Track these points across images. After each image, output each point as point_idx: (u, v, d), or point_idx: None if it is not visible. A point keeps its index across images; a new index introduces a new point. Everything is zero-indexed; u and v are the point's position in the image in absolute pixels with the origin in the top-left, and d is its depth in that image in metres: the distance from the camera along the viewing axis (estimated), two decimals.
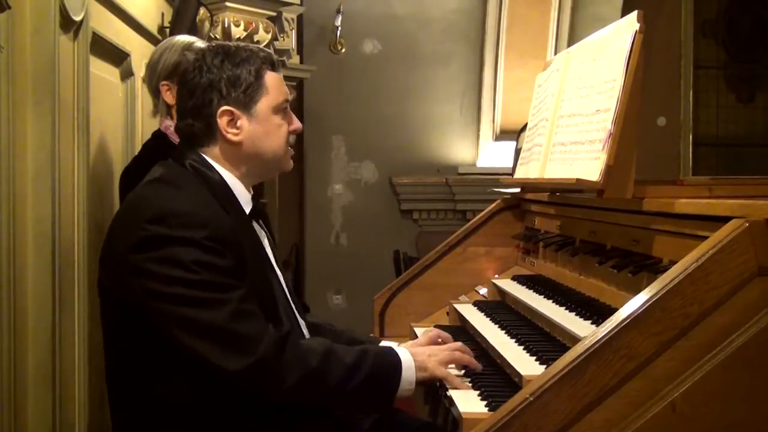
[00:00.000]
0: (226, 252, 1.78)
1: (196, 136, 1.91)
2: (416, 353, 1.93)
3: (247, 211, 1.95)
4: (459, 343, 2.06)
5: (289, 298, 2.06)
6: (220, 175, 1.91)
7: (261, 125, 1.91)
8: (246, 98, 1.89)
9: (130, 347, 1.83)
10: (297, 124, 2.00)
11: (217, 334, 1.73)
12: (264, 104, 1.91)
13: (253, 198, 2.01)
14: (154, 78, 2.69)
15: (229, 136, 1.89)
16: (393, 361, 1.89)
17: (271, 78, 1.93)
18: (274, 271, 2.03)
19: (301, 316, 2.10)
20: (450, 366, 1.98)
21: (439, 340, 2.13)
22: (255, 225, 2.01)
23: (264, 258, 1.99)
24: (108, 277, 1.87)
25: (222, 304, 1.74)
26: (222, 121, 1.88)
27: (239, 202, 1.93)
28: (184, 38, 2.76)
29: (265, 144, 1.93)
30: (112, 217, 2.65)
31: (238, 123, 1.89)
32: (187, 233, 1.74)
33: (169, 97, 2.64)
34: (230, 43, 1.97)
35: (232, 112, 1.88)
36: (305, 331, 2.07)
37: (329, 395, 1.82)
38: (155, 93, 2.72)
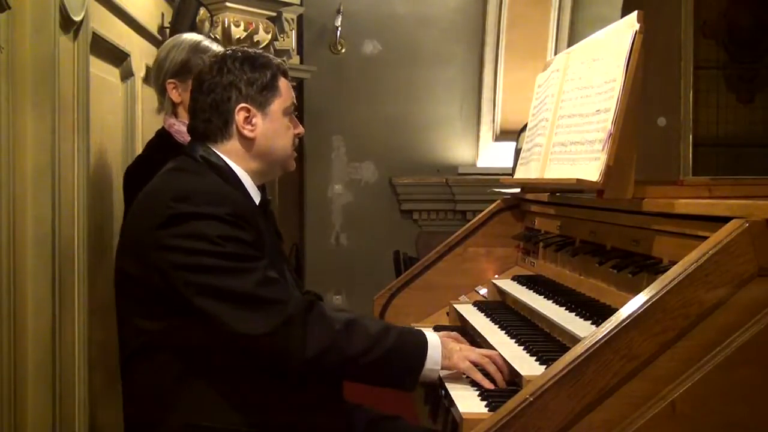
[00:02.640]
0: (248, 227, 1.88)
1: (211, 132, 2.03)
2: (446, 341, 1.97)
3: (257, 202, 2.06)
4: (496, 353, 2.01)
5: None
6: (230, 167, 2.02)
7: (273, 125, 2.04)
8: (262, 98, 2.02)
9: (150, 329, 1.90)
10: (301, 128, 2.13)
11: (244, 300, 1.82)
12: (277, 105, 2.05)
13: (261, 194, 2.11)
14: (160, 76, 2.67)
15: (245, 132, 2.01)
16: (419, 338, 1.94)
17: (284, 83, 2.08)
18: (286, 258, 2.15)
19: None
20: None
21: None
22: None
23: (275, 245, 2.10)
24: (130, 260, 1.94)
25: (248, 272, 1.83)
26: (239, 117, 2.01)
27: (249, 193, 2.04)
28: (191, 36, 2.75)
29: (275, 142, 2.06)
30: (113, 217, 2.67)
31: (253, 120, 2.02)
32: (210, 209, 1.85)
33: (175, 95, 2.63)
34: (249, 50, 2.10)
35: (249, 109, 2.01)
36: None
37: (351, 362, 1.87)
38: (161, 91, 2.70)
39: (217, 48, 2.66)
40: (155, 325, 1.89)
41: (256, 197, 2.07)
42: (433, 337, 1.95)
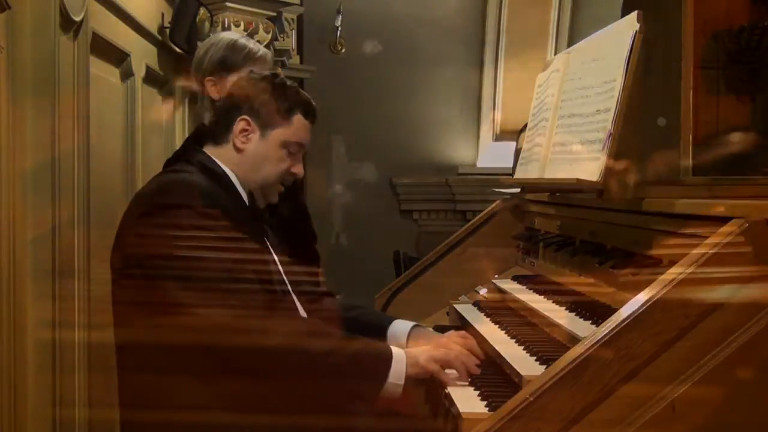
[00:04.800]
0: (223, 220, 1.92)
1: (214, 132, 2.12)
2: (410, 351, 1.98)
3: (247, 203, 2.11)
4: (462, 349, 2.03)
5: (289, 287, 2.14)
6: (222, 169, 2.09)
7: (266, 148, 2.10)
8: (267, 120, 2.10)
9: (138, 326, 1.91)
10: (299, 169, 2.17)
11: (207, 288, 1.84)
12: (278, 133, 2.11)
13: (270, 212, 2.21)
14: (199, 74, 2.76)
15: (237, 141, 2.09)
16: (384, 350, 1.95)
17: (299, 120, 2.13)
18: (272, 256, 2.15)
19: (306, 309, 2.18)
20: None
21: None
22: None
23: (262, 242, 2.12)
24: (117, 257, 1.99)
25: (216, 263, 1.87)
26: (237, 126, 2.09)
27: (240, 195, 2.10)
28: (228, 35, 2.87)
29: (262, 164, 2.11)
30: (113, 216, 2.67)
31: (250, 135, 2.09)
32: (186, 201, 1.91)
33: (213, 92, 2.74)
34: (289, 83, 2.17)
35: (249, 123, 2.09)
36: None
37: (313, 361, 1.88)
38: (200, 88, 2.80)
39: (253, 46, 2.76)
40: (142, 321, 1.90)
41: (247, 200, 2.11)
42: (398, 351, 1.95)
